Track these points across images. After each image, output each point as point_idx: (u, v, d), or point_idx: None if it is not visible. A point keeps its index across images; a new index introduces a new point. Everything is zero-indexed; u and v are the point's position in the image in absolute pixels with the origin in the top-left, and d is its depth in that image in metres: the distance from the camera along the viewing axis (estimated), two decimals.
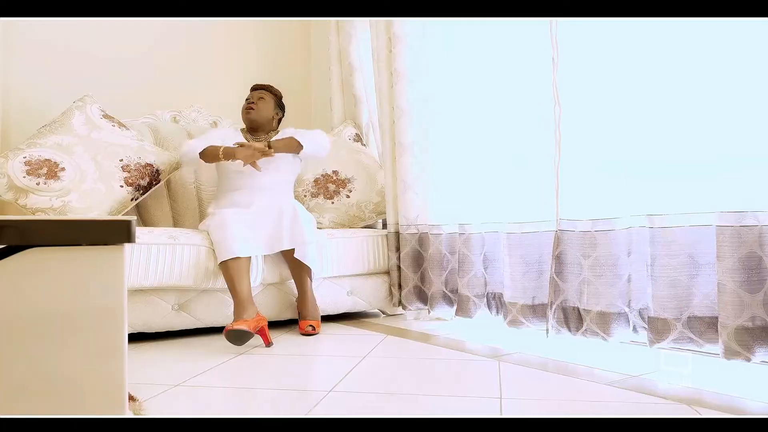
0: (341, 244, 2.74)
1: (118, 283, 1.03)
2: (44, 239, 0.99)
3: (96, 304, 1.00)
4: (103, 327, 1.01)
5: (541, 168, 2.22)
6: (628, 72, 1.93)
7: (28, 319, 0.98)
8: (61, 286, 1.00)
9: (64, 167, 2.54)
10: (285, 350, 2.15)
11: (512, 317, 2.27)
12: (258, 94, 2.84)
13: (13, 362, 0.97)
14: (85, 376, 1.00)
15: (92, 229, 1.00)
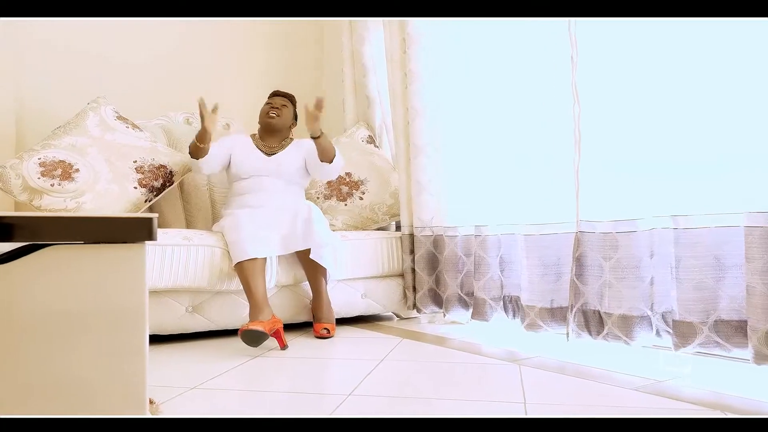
0: (355, 246, 2.72)
1: (139, 282, 1.00)
2: (64, 236, 0.97)
3: (117, 303, 0.98)
4: (124, 327, 0.99)
5: (560, 168, 2.18)
6: (649, 69, 1.90)
7: (48, 318, 0.96)
8: (81, 284, 0.97)
9: (78, 168, 2.53)
10: (300, 353, 2.12)
11: (530, 321, 2.23)
12: (282, 101, 2.82)
13: (33, 362, 0.94)
14: (106, 377, 0.98)
15: (113, 227, 0.98)
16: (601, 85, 2.02)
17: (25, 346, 0.96)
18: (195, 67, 3.54)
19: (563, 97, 2.12)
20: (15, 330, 0.96)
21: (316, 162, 2.67)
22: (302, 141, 2.83)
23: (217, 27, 3.61)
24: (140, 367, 1.01)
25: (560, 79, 2.14)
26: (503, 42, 2.42)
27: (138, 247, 1.01)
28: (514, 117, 2.37)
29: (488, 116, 2.50)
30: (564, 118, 2.13)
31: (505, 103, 2.42)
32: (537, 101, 2.28)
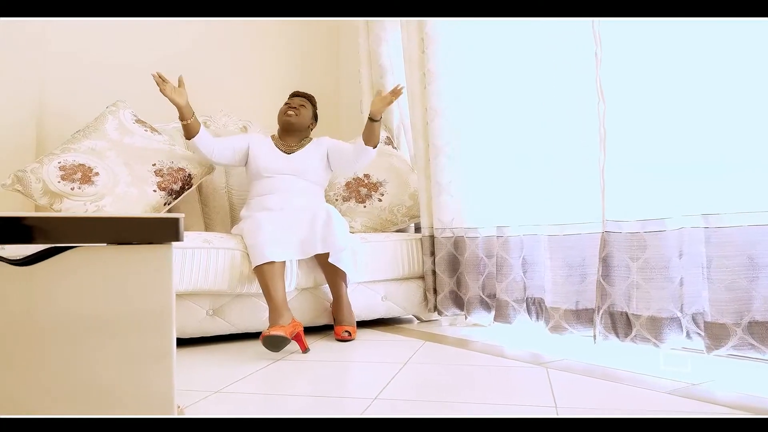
0: (375, 248, 2.69)
1: (166, 284, 0.99)
2: (89, 238, 0.95)
3: (143, 306, 0.96)
4: (151, 330, 0.97)
5: (584, 167, 2.14)
6: (676, 65, 1.85)
7: (73, 321, 0.94)
8: (107, 286, 0.96)
9: (98, 172, 2.53)
10: (322, 356, 2.10)
11: (554, 323, 2.19)
12: (300, 101, 2.82)
13: (58, 366, 0.93)
14: (133, 381, 0.96)
15: (139, 227, 0.96)
16: (626, 82, 1.97)
17: (51, 349, 0.94)
18: (212, 71, 3.54)
19: (587, 95, 2.08)
20: (40, 333, 0.95)
21: (352, 148, 2.71)
22: (321, 139, 2.82)
23: (233, 30, 3.61)
24: (168, 371, 0.99)
25: (584, 76, 2.10)
26: (525, 39, 2.38)
27: (164, 248, 0.99)
28: (536, 115, 2.33)
29: (509, 115, 2.46)
30: (588, 116, 2.09)
31: (526, 101, 2.38)
32: (560, 99, 2.24)
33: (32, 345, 0.94)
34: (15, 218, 0.92)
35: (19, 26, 3.02)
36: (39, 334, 0.93)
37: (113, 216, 0.94)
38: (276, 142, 2.78)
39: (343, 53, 3.89)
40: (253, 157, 2.71)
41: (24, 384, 0.92)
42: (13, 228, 0.92)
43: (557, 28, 2.23)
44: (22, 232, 0.92)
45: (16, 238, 0.92)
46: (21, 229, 0.92)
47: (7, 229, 0.91)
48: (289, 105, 2.78)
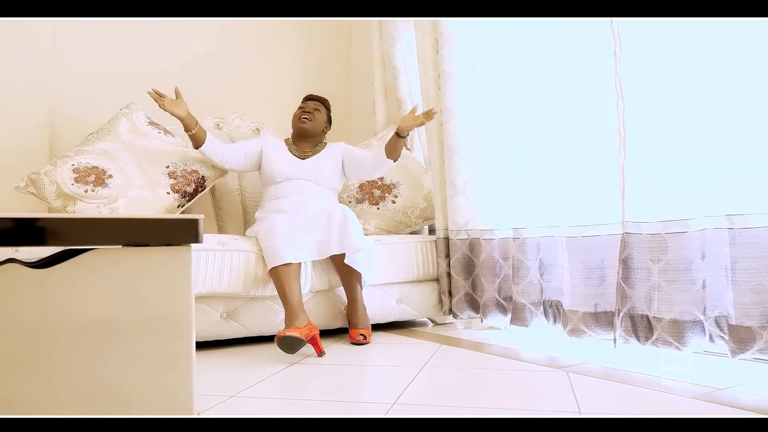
0: (389, 250, 2.67)
1: (185, 287, 0.97)
2: (106, 240, 0.93)
3: (161, 309, 0.94)
4: (169, 333, 0.95)
5: (603, 167, 2.11)
6: (698, 62, 1.82)
7: (90, 325, 0.92)
8: (125, 289, 0.94)
9: (112, 174, 2.53)
10: (338, 360, 2.08)
11: (573, 326, 2.16)
12: (314, 104, 2.78)
13: (75, 370, 0.91)
14: (151, 385, 0.94)
15: (157, 229, 0.94)
16: (646, 81, 1.94)
17: (67, 353, 0.93)
18: (223, 73, 3.53)
19: (605, 94, 2.05)
20: (56, 337, 0.93)
21: (370, 157, 2.70)
22: (336, 144, 2.80)
23: (244, 33, 3.61)
24: (187, 375, 0.97)
25: (602, 75, 2.07)
26: (541, 38, 2.35)
27: (183, 250, 0.97)
28: (553, 115, 2.30)
29: (525, 115, 2.43)
30: (606, 116, 2.06)
31: (543, 101, 2.35)
32: (577, 98, 2.21)
33: (49, 348, 0.92)
34: (30, 219, 0.91)
35: (31, 30, 3.02)
36: (55, 337, 0.91)
37: (131, 217, 0.92)
38: (290, 147, 2.75)
39: (355, 54, 3.88)
40: (266, 162, 2.69)
41: (41, 388, 0.90)
42: (29, 230, 0.90)
43: (574, 27, 2.20)
44: (38, 234, 0.90)
45: (31, 240, 0.90)
46: (37, 231, 0.90)
47: (22, 231, 0.90)
48: (304, 110, 2.75)
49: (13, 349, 0.89)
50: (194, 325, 0.97)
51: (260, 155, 2.74)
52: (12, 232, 0.89)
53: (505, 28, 2.52)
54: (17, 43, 2.98)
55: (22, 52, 3.00)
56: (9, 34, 2.96)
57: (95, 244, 0.92)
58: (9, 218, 0.89)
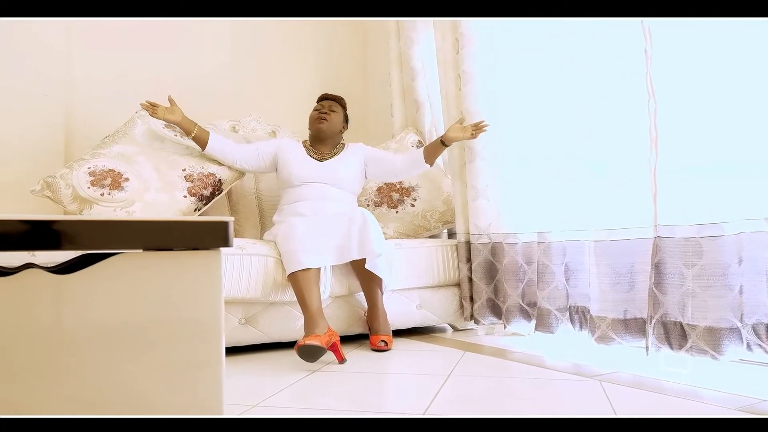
0: (410, 254, 2.61)
1: (215, 292, 0.92)
2: (133, 243, 0.89)
3: (191, 313, 0.89)
4: (199, 337, 0.90)
5: (632, 169, 2.04)
6: (734, 59, 1.75)
7: (119, 330, 0.87)
8: (153, 294, 0.89)
9: (128, 177, 2.49)
10: (360, 367, 2.02)
11: (601, 333, 2.09)
12: (330, 104, 2.74)
13: (100, 376, 0.86)
14: (181, 390, 0.89)
15: (188, 232, 0.89)
16: (679, 79, 1.87)
17: (92, 360, 0.88)
18: (239, 75, 3.50)
19: (636, 93, 1.99)
20: (80, 344, 0.88)
21: (399, 160, 2.69)
22: (356, 146, 2.75)
23: (259, 34, 3.57)
24: (216, 382, 0.92)
25: (632, 73, 2.00)
26: (566, 35, 2.29)
27: (212, 255, 0.92)
28: (580, 115, 2.24)
29: (550, 115, 2.37)
30: (637, 115, 1.99)
31: (568, 101, 2.29)
32: (604, 98, 2.14)
33: (73, 355, 0.87)
34: (51, 222, 0.86)
35: (45, 34, 3.00)
36: (78, 344, 0.87)
37: (158, 220, 0.87)
38: (308, 150, 2.71)
39: (372, 56, 3.83)
40: (283, 165, 2.65)
41: (65, 396, 0.86)
42: (50, 233, 0.85)
43: (601, 23, 2.14)
44: (60, 238, 0.86)
45: (52, 243, 0.85)
46: (59, 235, 0.86)
47: (42, 234, 0.85)
48: (319, 110, 2.70)
49: (35, 356, 0.85)
50: (223, 330, 0.92)
51: (275, 157, 2.69)
52: (30, 235, 0.84)
53: (528, 26, 2.46)
54: (31, 47, 2.96)
55: (36, 56, 2.97)
56: (22, 39, 2.93)
57: (120, 248, 0.87)
58: (28, 221, 0.85)
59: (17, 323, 0.84)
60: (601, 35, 2.14)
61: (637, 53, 1.98)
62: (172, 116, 2.58)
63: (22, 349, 0.85)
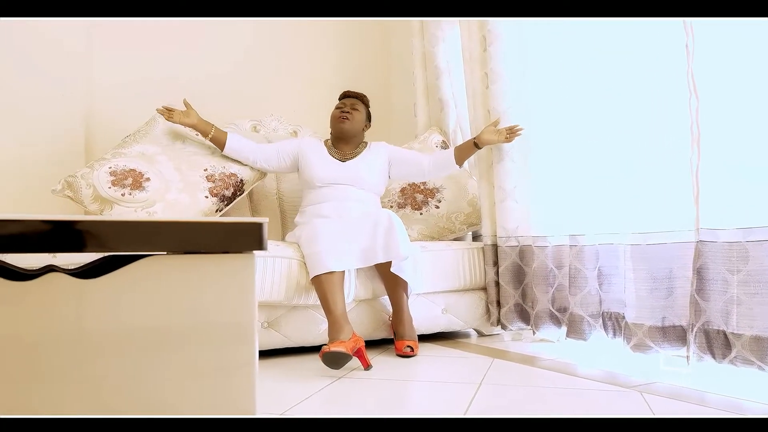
0: (435, 257, 2.54)
1: (248, 297, 0.86)
2: (163, 246, 0.83)
3: (223, 318, 0.83)
4: (234, 339, 0.84)
5: (671, 169, 1.95)
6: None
7: (146, 334, 0.81)
8: (181, 298, 0.83)
9: (149, 177, 2.45)
10: (386, 374, 1.95)
11: (637, 340, 2.00)
12: (352, 102, 2.67)
13: (133, 381, 0.80)
14: (213, 396, 0.83)
15: (220, 234, 0.83)
16: (723, 75, 1.78)
17: (122, 365, 0.82)
18: (260, 75, 3.45)
19: (676, 90, 1.90)
20: (109, 349, 0.82)
21: (427, 160, 2.63)
22: (379, 145, 2.68)
23: (280, 34, 3.52)
24: (250, 390, 0.86)
25: (672, 69, 1.92)
26: (601, 31, 2.20)
27: (246, 258, 0.86)
28: (614, 114, 2.15)
29: (583, 114, 2.29)
30: (677, 113, 1.90)
31: (602, 98, 2.20)
32: (640, 95, 2.06)
33: (102, 360, 0.82)
34: (72, 222, 0.81)
35: (66, 34, 2.97)
36: (107, 349, 0.81)
37: (191, 221, 0.81)
38: (329, 149, 2.65)
39: (395, 54, 3.76)
40: (305, 165, 2.59)
41: (93, 403, 0.80)
42: (74, 234, 0.80)
43: (642, 19, 2.05)
44: (86, 239, 0.80)
45: (75, 245, 0.80)
46: (84, 236, 0.80)
47: (65, 235, 0.79)
48: (341, 109, 2.64)
49: (61, 363, 0.79)
50: (257, 337, 0.86)
51: (296, 157, 2.63)
52: (54, 236, 0.79)
53: (559, 22, 2.38)
54: (51, 49, 2.93)
55: (56, 57, 2.94)
56: (42, 40, 2.91)
57: (149, 250, 0.81)
58: (50, 221, 0.79)
59: (44, 327, 0.79)
60: (637, 29, 2.05)
61: (677, 48, 1.89)
62: (188, 119, 2.56)
63: (49, 355, 0.79)
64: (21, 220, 0.77)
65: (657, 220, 2.00)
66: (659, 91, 1.98)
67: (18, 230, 0.76)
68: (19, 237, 0.76)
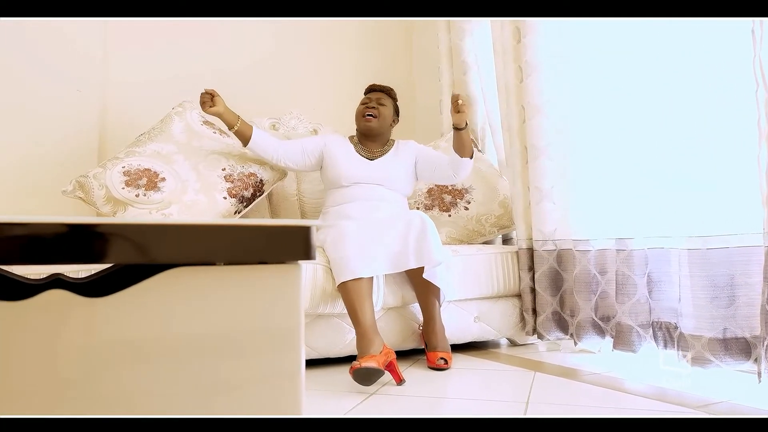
0: (467, 262, 2.38)
1: (293, 312, 0.71)
2: (193, 257, 0.68)
3: (270, 324, 0.69)
4: (281, 347, 0.69)
5: (734, 168, 1.78)
6: None
7: (185, 343, 0.67)
8: (214, 310, 0.69)
9: (165, 177, 2.31)
10: (422, 390, 1.80)
11: (696, 353, 1.83)
12: (378, 96, 2.48)
13: (174, 393, 0.66)
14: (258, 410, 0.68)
15: (267, 241, 0.68)
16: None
17: (160, 376, 0.67)
18: (279, 72, 3.31)
19: (739, 80, 1.73)
20: (145, 359, 0.67)
21: (446, 160, 2.42)
22: (407, 143, 2.52)
23: (300, 28, 3.38)
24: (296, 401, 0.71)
25: (735, 56, 1.75)
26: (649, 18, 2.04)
27: (291, 269, 0.70)
28: (664, 106, 1.98)
29: (629, 106, 2.11)
30: (741, 106, 1.74)
31: (649, 89, 2.03)
32: (699, 85, 1.88)
33: (142, 370, 0.67)
34: (90, 225, 0.66)
35: (81, 32, 2.85)
36: (143, 359, 0.67)
37: (233, 224, 0.66)
38: (356, 147, 2.49)
39: (419, 49, 3.60)
40: (331, 164, 2.43)
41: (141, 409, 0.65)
42: (90, 240, 0.65)
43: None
44: (106, 247, 0.65)
45: (92, 255, 0.65)
46: (101, 244, 0.65)
47: (80, 243, 0.65)
48: (367, 105, 2.47)
49: (94, 373, 0.65)
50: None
51: (321, 155, 2.48)
52: (65, 243, 0.64)
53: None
54: (66, 47, 2.81)
55: (71, 55, 2.82)
56: (57, 39, 2.79)
57: (184, 260, 0.66)
58: (65, 224, 0.64)
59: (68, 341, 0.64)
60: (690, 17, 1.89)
61: (740, 33, 1.73)
62: (214, 108, 2.36)
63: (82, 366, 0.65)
64: (33, 223, 0.62)
65: (717, 222, 1.82)
66: (719, 81, 1.81)
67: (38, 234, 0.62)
68: (37, 242, 0.62)
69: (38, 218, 0.62)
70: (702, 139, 1.87)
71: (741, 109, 1.74)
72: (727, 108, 1.79)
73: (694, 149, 1.89)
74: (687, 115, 1.91)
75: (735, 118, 1.76)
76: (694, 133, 1.89)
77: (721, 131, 1.82)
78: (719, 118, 1.82)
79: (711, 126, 1.84)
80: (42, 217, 0.63)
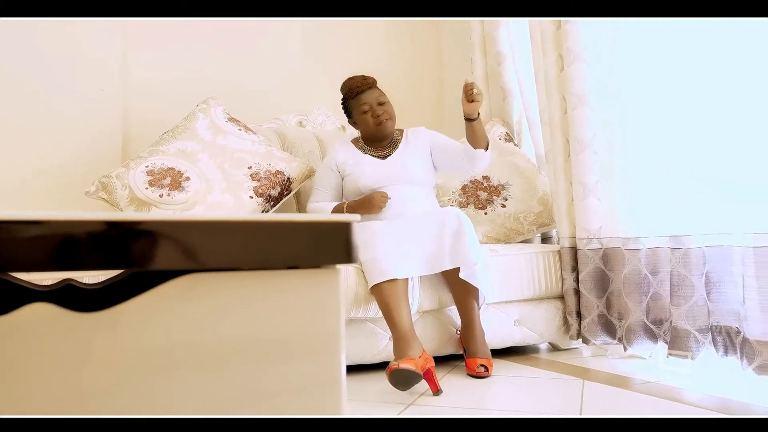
0: (506, 262, 2.24)
1: (332, 321, 0.59)
2: (218, 261, 0.57)
3: (310, 328, 0.58)
4: (321, 353, 0.58)
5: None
6: None
7: (218, 347, 0.56)
8: (246, 315, 0.58)
9: (189, 177, 2.23)
10: (462, 400, 1.67)
11: (763, 361, 1.68)
12: (375, 97, 2.25)
13: (209, 403, 0.55)
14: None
15: (308, 240, 0.57)
16: None
17: (190, 383, 0.57)
18: (306, 68, 3.21)
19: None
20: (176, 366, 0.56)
21: (462, 151, 2.26)
22: (417, 131, 2.35)
23: (327, 26, 3.27)
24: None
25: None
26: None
27: (329, 273, 0.59)
28: (719, 90, 1.83)
29: (681, 96, 1.96)
30: None
31: (703, 73, 1.88)
32: (757, 68, 1.73)
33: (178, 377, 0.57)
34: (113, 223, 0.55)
35: (103, 34, 2.79)
36: (175, 365, 0.56)
37: (269, 220, 0.54)
38: (363, 149, 2.31)
39: (449, 39, 3.46)
40: (350, 179, 2.26)
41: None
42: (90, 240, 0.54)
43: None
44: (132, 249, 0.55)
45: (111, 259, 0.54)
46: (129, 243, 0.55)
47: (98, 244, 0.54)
48: (372, 112, 2.23)
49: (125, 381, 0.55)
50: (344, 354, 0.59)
51: (338, 174, 2.31)
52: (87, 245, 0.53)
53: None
54: (88, 49, 2.75)
55: (93, 56, 2.76)
56: (79, 40, 2.73)
57: (202, 267, 0.56)
58: (101, 221, 0.54)
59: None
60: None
61: None
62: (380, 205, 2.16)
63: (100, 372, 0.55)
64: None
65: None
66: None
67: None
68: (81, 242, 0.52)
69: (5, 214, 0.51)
70: (759, 127, 1.71)
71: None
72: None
73: (760, 141, 1.73)
74: (750, 105, 1.75)
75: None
76: (759, 124, 1.73)
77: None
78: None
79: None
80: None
